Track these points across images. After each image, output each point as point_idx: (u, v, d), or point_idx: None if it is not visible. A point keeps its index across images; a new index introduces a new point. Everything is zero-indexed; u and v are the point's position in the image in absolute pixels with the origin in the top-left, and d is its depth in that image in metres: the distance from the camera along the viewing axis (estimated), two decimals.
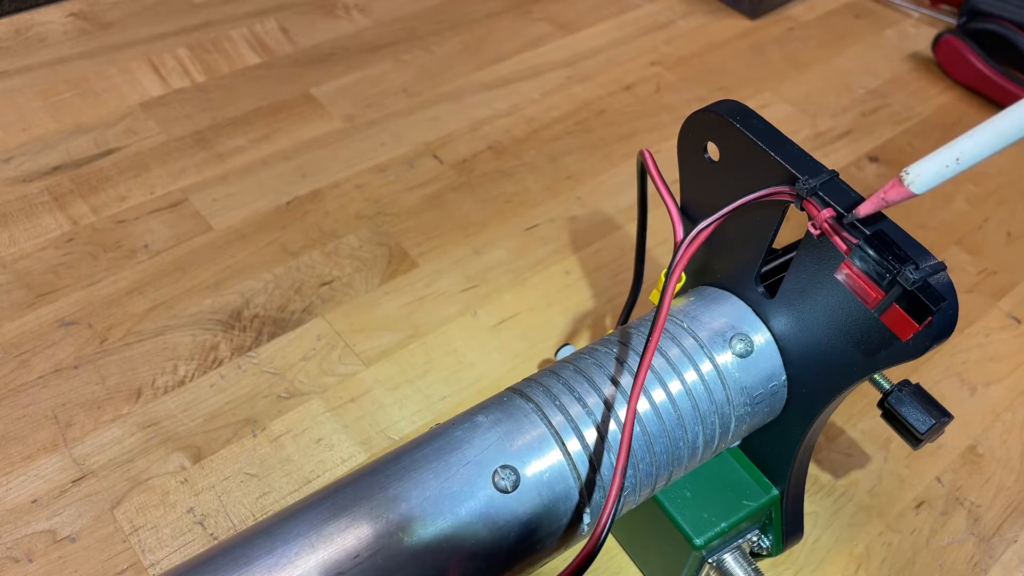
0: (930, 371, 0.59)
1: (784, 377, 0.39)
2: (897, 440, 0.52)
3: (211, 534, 0.47)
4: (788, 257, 0.42)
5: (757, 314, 0.40)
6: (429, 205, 0.66)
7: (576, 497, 0.35)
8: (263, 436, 0.51)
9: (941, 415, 0.39)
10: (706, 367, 0.38)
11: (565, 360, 0.39)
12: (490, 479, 0.33)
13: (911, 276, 0.30)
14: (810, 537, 0.50)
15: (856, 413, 0.56)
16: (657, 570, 0.46)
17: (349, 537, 0.31)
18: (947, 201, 0.71)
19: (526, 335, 0.58)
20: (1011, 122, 0.27)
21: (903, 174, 0.29)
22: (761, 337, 0.39)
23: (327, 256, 0.61)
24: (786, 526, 0.43)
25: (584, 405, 0.36)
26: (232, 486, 0.49)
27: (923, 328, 0.31)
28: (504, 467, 0.34)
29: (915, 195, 0.29)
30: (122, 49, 0.77)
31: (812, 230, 0.34)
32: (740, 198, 0.35)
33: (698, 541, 0.40)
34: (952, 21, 0.89)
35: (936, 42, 0.83)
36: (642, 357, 0.34)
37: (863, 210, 0.31)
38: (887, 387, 0.41)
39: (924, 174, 0.28)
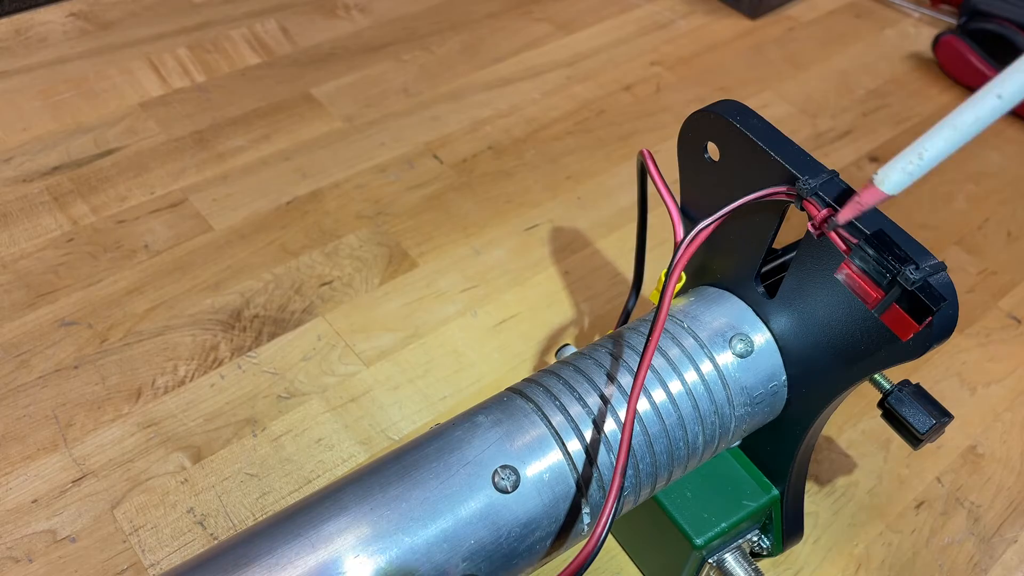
0: (930, 371, 0.59)
1: (784, 377, 0.39)
2: (897, 440, 0.52)
3: (211, 534, 0.47)
4: (788, 257, 0.42)
5: (757, 314, 0.40)
6: (429, 205, 0.66)
7: (576, 497, 0.35)
8: (263, 436, 0.51)
9: (941, 415, 0.39)
10: (706, 367, 0.38)
11: (565, 360, 0.39)
12: (490, 479, 0.33)
13: (911, 276, 0.30)
14: (810, 537, 0.50)
15: (856, 413, 0.56)
16: (657, 570, 0.46)
17: (349, 537, 0.31)
18: (947, 201, 0.71)
19: (526, 335, 0.58)
20: (968, 118, 0.27)
21: (874, 176, 0.30)
22: (761, 337, 0.39)
23: (327, 256, 0.61)
24: (786, 526, 0.43)
25: (584, 405, 0.36)
26: (232, 486, 0.49)
27: (923, 328, 0.31)
28: (504, 467, 0.34)
29: (888, 196, 0.30)
30: (122, 49, 0.77)
31: (812, 230, 0.34)
32: (740, 198, 0.35)
33: (698, 541, 0.40)
34: (952, 21, 0.89)
35: (936, 42, 0.83)
36: (642, 357, 0.34)
37: (843, 217, 0.32)
38: (887, 387, 0.41)
39: (892, 175, 0.29)
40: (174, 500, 0.48)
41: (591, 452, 0.35)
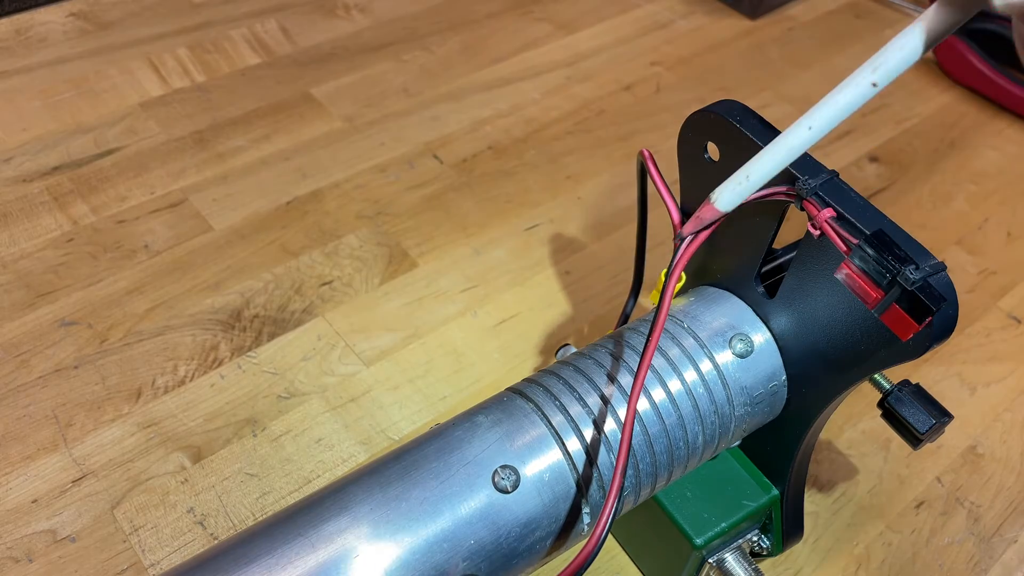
0: (930, 371, 0.59)
1: (784, 377, 0.39)
2: (897, 440, 0.52)
3: (211, 534, 0.47)
4: (788, 257, 0.42)
5: (757, 314, 0.40)
6: (429, 205, 0.66)
7: (576, 497, 0.35)
8: (263, 436, 0.51)
9: (941, 415, 0.39)
10: (706, 367, 0.38)
11: (565, 360, 0.39)
12: (490, 479, 0.33)
13: (911, 276, 0.30)
14: (810, 537, 0.50)
15: (856, 413, 0.56)
16: (657, 570, 0.46)
17: (349, 537, 0.31)
18: (947, 201, 0.71)
19: (526, 335, 0.58)
20: (783, 148, 0.30)
21: (711, 195, 0.33)
22: (761, 337, 0.39)
23: (327, 256, 0.61)
24: (786, 526, 0.43)
25: (584, 405, 0.36)
26: (232, 486, 0.49)
27: (923, 328, 0.31)
28: (504, 467, 0.34)
29: (722, 213, 0.33)
30: (122, 49, 0.77)
31: (812, 230, 0.34)
32: None
33: (698, 541, 0.40)
34: None
35: None
36: (642, 357, 0.34)
37: (686, 230, 0.35)
38: (887, 387, 0.41)
39: (724, 194, 0.33)
40: (174, 500, 0.48)
41: (591, 452, 0.35)
